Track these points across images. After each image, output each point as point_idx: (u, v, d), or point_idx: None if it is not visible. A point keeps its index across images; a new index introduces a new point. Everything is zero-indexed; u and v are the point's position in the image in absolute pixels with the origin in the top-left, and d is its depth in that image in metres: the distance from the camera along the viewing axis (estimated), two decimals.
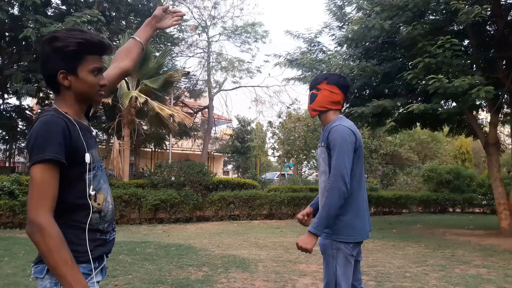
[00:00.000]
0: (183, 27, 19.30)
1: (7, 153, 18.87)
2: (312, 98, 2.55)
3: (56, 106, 1.45)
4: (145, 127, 16.19)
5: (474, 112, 10.70)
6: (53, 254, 1.26)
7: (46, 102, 15.02)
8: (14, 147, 18.31)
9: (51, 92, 1.61)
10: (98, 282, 1.47)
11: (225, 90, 22.65)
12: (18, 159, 21.15)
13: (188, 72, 19.83)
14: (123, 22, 16.02)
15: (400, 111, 10.95)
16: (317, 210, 2.44)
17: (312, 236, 2.26)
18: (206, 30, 21.18)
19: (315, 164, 26.87)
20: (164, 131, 15.74)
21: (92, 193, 1.44)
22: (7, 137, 17.13)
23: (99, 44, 1.48)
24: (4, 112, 16.11)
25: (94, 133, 1.57)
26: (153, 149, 21.69)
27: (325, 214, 2.25)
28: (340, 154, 2.28)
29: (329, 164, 2.39)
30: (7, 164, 18.71)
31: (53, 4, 14.37)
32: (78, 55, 1.43)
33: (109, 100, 12.57)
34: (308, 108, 2.66)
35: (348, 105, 10.76)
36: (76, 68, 1.44)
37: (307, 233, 2.28)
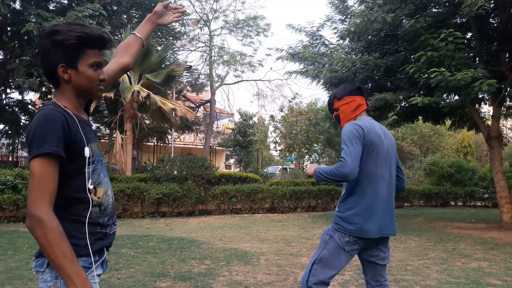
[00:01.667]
0: (184, 21, 19.24)
1: (10, 147, 18.94)
2: (338, 120, 2.68)
3: (56, 100, 1.46)
4: (147, 121, 16.20)
5: (477, 105, 10.66)
6: (53, 247, 1.27)
7: (49, 96, 15.04)
8: (17, 141, 18.36)
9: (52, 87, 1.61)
10: (98, 275, 1.48)
11: (227, 84, 22.61)
12: (21, 154, 21.23)
13: (190, 66, 19.79)
14: (125, 16, 15.99)
15: (402, 104, 10.92)
16: None
17: (313, 168, 2.47)
18: (208, 23, 21.10)
19: (317, 158, 26.90)
20: (166, 125, 15.77)
21: (91, 187, 1.45)
22: (10, 132, 17.18)
23: (99, 38, 1.48)
24: (6, 107, 16.15)
25: (93, 127, 1.57)
26: (155, 143, 21.74)
27: (325, 173, 2.37)
28: (344, 143, 2.36)
29: None
30: (10, 159, 18.79)
31: None
32: (78, 49, 1.43)
33: (111, 95, 12.58)
34: None
35: None
36: (76, 62, 1.44)
37: (315, 166, 2.50)
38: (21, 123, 16.69)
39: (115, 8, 15.30)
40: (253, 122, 25.75)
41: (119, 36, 14.63)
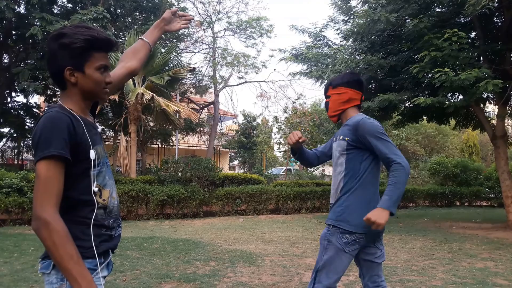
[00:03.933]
0: None
1: (16, 150, 19.05)
2: (326, 107, 2.66)
3: (61, 103, 1.47)
4: (151, 124, 16.26)
5: (481, 105, 10.61)
6: (58, 249, 1.27)
7: (54, 99, 15.12)
8: (22, 144, 18.46)
9: (58, 90, 1.63)
10: (104, 277, 1.48)
11: (231, 85, 22.65)
12: (27, 157, 21.33)
13: (194, 68, 19.83)
14: (129, 19, 16.07)
15: (407, 104, 10.89)
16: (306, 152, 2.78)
17: (386, 212, 2.18)
18: (211, 25, 21.15)
19: None
20: (170, 127, 15.80)
21: (96, 189, 1.45)
22: (15, 135, 17.27)
23: (106, 41, 1.49)
24: (12, 110, 16.23)
25: (99, 130, 1.58)
26: (159, 145, 21.78)
27: (396, 191, 2.20)
28: (386, 140, 2.34)
29: (347, 156, 2.45)
30: (15, 162, 18.89)
31: (59, 2, 14.44)
32: (85, 52, 1.44)
33: (116, 97, 12.62)
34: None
35: None
36: (83, 65, 1.45)
37: (379, 209, 2.19)
38: (26, 126, 16.76)
39: (119, 11, 15.38)
40: (257, 124, 25.79)
41: (123, 38, 14.69)
